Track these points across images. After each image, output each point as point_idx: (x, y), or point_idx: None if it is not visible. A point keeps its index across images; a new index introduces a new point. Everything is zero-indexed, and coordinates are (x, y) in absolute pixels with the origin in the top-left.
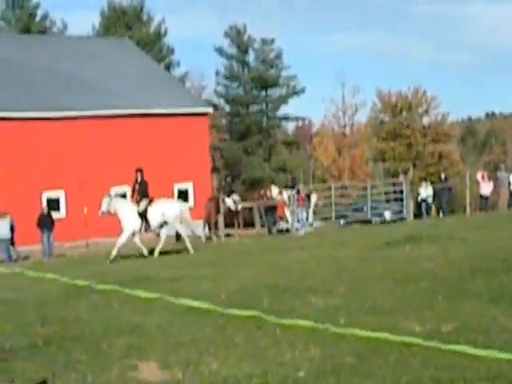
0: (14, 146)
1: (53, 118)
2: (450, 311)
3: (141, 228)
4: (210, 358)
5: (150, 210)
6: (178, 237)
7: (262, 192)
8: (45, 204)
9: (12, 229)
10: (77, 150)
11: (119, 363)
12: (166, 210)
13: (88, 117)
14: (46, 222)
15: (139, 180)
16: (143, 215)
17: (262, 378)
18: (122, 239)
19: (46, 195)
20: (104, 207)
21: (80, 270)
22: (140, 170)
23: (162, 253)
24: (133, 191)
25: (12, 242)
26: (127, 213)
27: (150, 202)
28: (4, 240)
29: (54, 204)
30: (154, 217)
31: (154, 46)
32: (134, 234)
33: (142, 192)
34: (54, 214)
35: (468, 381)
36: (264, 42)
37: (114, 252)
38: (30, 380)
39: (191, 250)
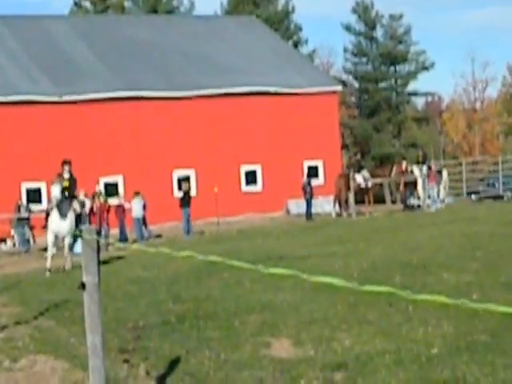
0: (145, 126)
1: (182, 98)
2: None
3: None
4: (343, 334)
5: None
6: (310, 215)
7: (404, 167)
8: (176, 183)
9: (144, 208)
10: (207, 128)
11: (252, 340)
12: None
13: (217, 95)
14: (186, 200)
15: (66, 176)
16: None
17: (396, 355)
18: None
19: (177, 174)
20: (58, 193)
21: (211, 248)
22: (68, 163)
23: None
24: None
25: (144, 221)
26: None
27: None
28: (137, 219)
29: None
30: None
31: (281, 23)
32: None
33: (71, 191)
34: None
35: None
36: (392, 17)
37: (68, 265)
38: (163, 357)
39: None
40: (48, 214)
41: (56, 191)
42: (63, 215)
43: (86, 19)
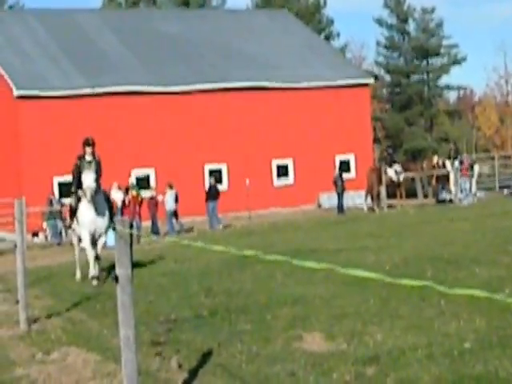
0: (177, 119)
1: (215, 90)
2: None
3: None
4: (375, 328)
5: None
6: (341, 209)
7: (436, 161)
8: (207, 177)
9: (176, 200)
10: (239, 122)
11: (284, 334)
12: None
13: (249, 89)
14: (212, 193)
15: (89, 158)
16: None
17: (428, 349)
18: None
19: (209, 168)
20: (92, 182)
21: (243, 241)
22: (91, 144)
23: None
24: (75, 175)
25: (176, 213)
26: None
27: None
28: (170, 212)
29: (216, 176)
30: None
31: (312, 17)
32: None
33: (97, 176)
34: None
35: None
36: (424, 10)
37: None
38: (195, 350)
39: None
40: (74, 210)
41: (90, 180)
42: (99, 211)
43: (117, 13)
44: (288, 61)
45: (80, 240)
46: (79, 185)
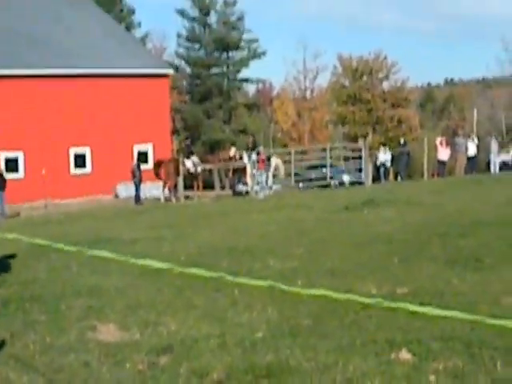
0: None
1: (11, 76)
2: (406, 274)
3: None
4: (169, 318)
5: None
6: (139, 199)
7: (233, 153)
8: (2, 165)
9: None
10: (36, 109)
11: (78, 324)
12: None
13: (48, 76)
14: (0, 183)
15: None
16: None
17: (220, 339)
18: None
19: (4, 155)
20: None
21: (39, 231)
22: None
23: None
24: None
25: None
26: None
27: None
28: None
29: (12, 165)
30: None
31: (114, 6)
32: None
33: None
34: (13, 175)
35: (422, 342)
36: (226, 3)
37: None
38: None
39: None
40: None
41: None
42: None
43: None
44: (87, 48)
45: None
46: None
